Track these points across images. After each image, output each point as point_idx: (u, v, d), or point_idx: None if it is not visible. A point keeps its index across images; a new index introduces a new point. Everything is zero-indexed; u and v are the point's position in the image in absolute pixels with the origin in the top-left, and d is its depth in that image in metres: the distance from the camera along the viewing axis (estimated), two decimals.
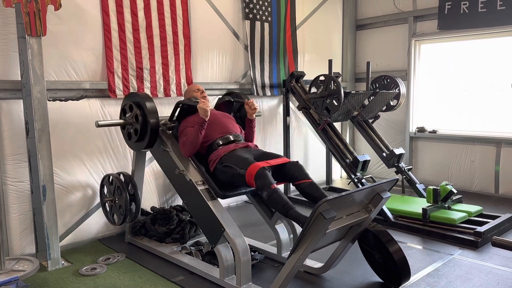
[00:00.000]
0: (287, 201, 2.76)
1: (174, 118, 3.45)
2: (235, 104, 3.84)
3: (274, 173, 2.97)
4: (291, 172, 3.04)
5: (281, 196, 2.77)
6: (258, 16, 5.22)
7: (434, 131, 5.88)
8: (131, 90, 4.12)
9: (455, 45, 5.69)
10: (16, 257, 3.46)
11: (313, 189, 2.95)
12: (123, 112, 3.54)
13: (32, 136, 3.35)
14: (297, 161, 3.12)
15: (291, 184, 3.13)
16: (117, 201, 3.69)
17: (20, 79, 3.39)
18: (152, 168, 4.42)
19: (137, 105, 3.34)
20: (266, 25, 5.32)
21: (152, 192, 4.48)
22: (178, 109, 3.42)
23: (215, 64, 4.93)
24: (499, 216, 4.11)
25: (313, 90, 4.84)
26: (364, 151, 6.06)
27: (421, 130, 5.98)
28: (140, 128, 3.31)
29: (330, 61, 5.32)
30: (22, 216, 3.59)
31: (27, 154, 3.46)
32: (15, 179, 3.54)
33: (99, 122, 3.36)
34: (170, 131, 3.47)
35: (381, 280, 3.07)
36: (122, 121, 3.50)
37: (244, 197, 5.15)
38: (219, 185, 3.14)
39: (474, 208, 4.22)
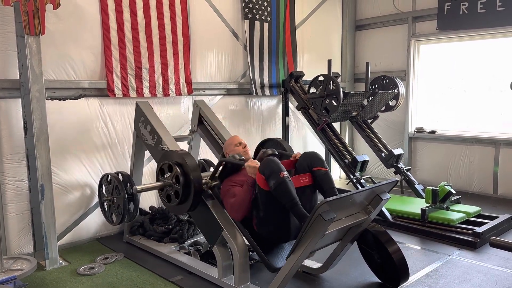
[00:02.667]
0: (294, 196, 2.60)
1: (216, 175, 3.08)
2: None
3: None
4: (307, 160, 2.94)
5: (289, 188, 2.60)
6: (257, 16, 5.21)
7: (433, 132, 5.88)
8: (130, 90, 4.11)
9: (454, 46, 5.70)
10: (14, 256, 3.45)
11: (326, 180, 2.86)
12: (161, 172, 3.12)
13: (31, 135, 3.34)
14: (315, 152, 3.01)
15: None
16: (115, 201, 3.68)
17: (18, 78, 3.38)
18: (150, 168, 4.41)
19: (178, 165, 2.96)
20: (266, 25, 5.31)
21: (150, 192, 4.46)
22: (221, 167, 3.06)
23: (214, 64, 4.92)
24: (498, 217, 4.11)
25: (312, 90, 4.84)
26: (363, 152, 6.05)
27: (420, 130, 5.98)
28: (182, 190, 2.93)
29: (329, 61, 5.31)
30: (20, 215, 3.58)
31: (25, 153, 3.46)
32: (13, 178, 3.53)
33: (137, 188, 3.06)
34: (210, 191, 3.11)
35: (379, 281, 3.07)
36: (160, 183, 3.09)
37: None
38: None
39: (472, 208, 4.22)
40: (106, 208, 3.84)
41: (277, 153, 3.08)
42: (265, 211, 2.75)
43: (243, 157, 3.05)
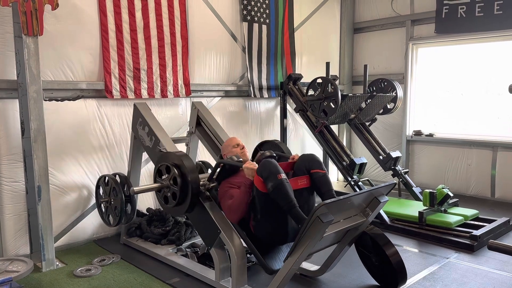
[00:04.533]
0: (292, 198, 2.59)
1: (214, 177, 3.08)
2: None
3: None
4: (305, 162, 2.93)
5: (287, 190, 2.59)
6: (256, 18, 5.22)
7: (430, 135, 5.89)
8: (128, 91, 4.10)
9: (452, 49, 5.71)
10: (10, 258, 3.42)
11: (324, 182, 2.85)
12: (158, 174, 3.12)
13: (28, 136, 3.33)
14: (313, 154, 3.00)
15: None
16: (112, 202, 3.67)
17: (16, 79, 3.37)
18: (148, 169, 4.40)
19: (176, 167, 2.96)
20: (264, 27, 5.32)
21: (148, 194, 4.45)
22: (218, 169, 3.06)
23: (213, 66, 4.92)
24: (495, 220, 4.12)
25: (311, 92, 4.85)
26: (361, 154, 6.05)
27: (417, 133, 5.99)
28: (179, 192, 2.93)
29: (327, 64, 5.32)
30: (17, 216, 3.56)
31: (22, 154, 3.44)
32: (10, 179, 3.51)
33: (135, 189, 3.04)
34: (208, 193, 3.10)
35: (377, 283, 3.06)
36: (158, 185, 3.08)
37: None
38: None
39: (470, 211, 4.23)
40: (103, 210, 3.82)
41: (275, 155, 3.05)
42: (262, 213, 2.74)
43: (241, 159, 3.04)
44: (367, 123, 5.31)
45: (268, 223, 2.77)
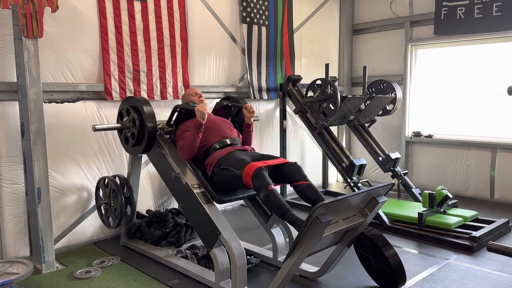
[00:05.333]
0: (284, 203, 2.74)
1: (172, 122, 3.44)
2: (233, 109, 3.83)
3: (271, 174, 2.95)
4: (289, 173, 3.02)
5: (278, 197, 2.74)
6: (255, 20, 5.23)
7: (430, 136, 5.90)
8: (128, 93, 4.11)
9: (451, 50, 5.72)
10: (10, 260, 3.43)
11: (310, 191, 2.92)
12: (120, 116, 3.53)
13: (28, 138, 3.33)
14: (295, 162, 3.10)
15: (288, 186, 3.13)
16: (112, 204, 3.68)
17: (16, 81, 3.37)
18: (148, 171, 4.41)
19: (135, 109, 3.33)
20: (263, 28, 5.33)
21: (147, 195, 4.46)
22: (176, 113, 3.41)
23: (212, 67, 4.93)
24: (495, 221, 4.12)
25: (310, 94, 4.85)
26: (360, 155, 6.07)
27: (417, 134, 6.00)
28: (137, 132, 3.30)
29: (326, 65, 5.33)
30: (17, 218, 3.57)
31: (22, 156, 3.44)
32: (10, 181, 3.51)
33: (96, 126, 3.35)
34: (168, 136, 3.46)
35: (376, 285, 3.07)
36: (119, 125, 3.49)
37: (240, 201, 5.14)
38: (217, 189, 3.13)
39: (469, 213, 4.23)
40: (103, 212, 3.83)
41: (230, 104, 3.69)
42: (222, 183, 3.10)
43: (195, 104, 3.37)
44: (367, 125, 5.32)
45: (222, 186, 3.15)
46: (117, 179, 3.70)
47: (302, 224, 2.48)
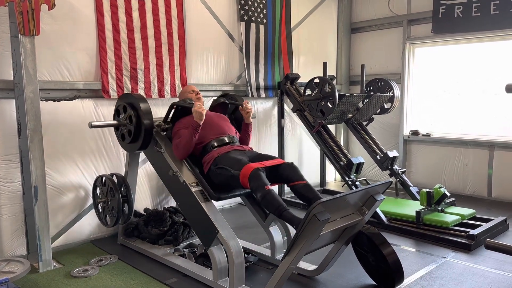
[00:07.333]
0: (281, 202, 2.74)
1: (169, 119, 3.43)
2: (230, 106, 3.82)
3: (268, 174, 2.96)
4: (285, 173, 3.03)
5: (275, 197, 2.75)
6: (253, 18, 5.22)
7: (427, 134, 5.91)
8: (125, 91, 4.09)
9: (449, 49, 5.73)
10: (7, 259, 3.41)
11: (307, 190, 2.94)
12: (116, 113, 3.52)
13: (24, 136, 3.32)
14: (292, 162, 3.10)
15: (285, 186, 3.13)
16: (109, 203, 3.67)
17: (12, 79, 3.36)
18: (145, 169, 4.40)
19: (131, 106, 3.32)
20: (261, 27, 5.32)
21: (145, 194, 4.45)
22: (173, 110, 3.40)
23: (210, 66, 4.92)
24: (492, 219, 4.13)
25: (308, 92, 4.85)
26: (358, 154, 6.06)
27: (414, 133, 6.00)
28: (134, 129, 3.30)
29: (324, 64, 5.33)
30: (13, 217, 3.55)
31: (19, 154, 3.43)
32: (7, 179, 3.50)
33: (92, 123, 3.34)
34: (164, 133, 3.45)
35: (374, 283, 3.07)
36: (115, 122, 3.48)
37: (238, 199, 5.13)
38: (214, 187, 3.12)
39: (467, 211, 4.24)
40: (100, 210, 3.82)
41: (227, 102, 3.65)
42: (219, 181, 3.10)
43: (192, 102, 3.33)
44: (364, 123, 5.31)
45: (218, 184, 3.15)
46: (114, 178, 3.69)
47: (299, 223, 2.48)
